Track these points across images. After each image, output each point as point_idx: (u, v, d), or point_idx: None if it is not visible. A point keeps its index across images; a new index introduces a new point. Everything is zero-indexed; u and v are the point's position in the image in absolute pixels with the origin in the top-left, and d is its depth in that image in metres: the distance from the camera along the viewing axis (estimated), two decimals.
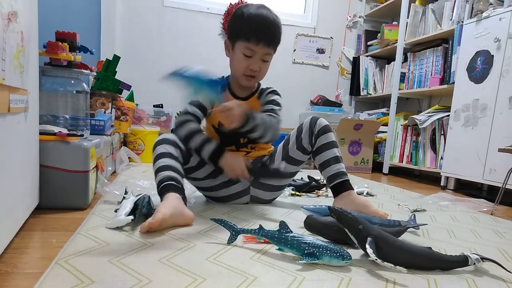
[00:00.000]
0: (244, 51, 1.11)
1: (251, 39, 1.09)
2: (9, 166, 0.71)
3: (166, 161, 1.04)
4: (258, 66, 1.13)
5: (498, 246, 0.97)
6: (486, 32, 1.90)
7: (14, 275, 0.61)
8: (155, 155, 1.07)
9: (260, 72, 1.15)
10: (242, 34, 1.11)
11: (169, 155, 1.06)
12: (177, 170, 1.04)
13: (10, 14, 0.66)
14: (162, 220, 0.84)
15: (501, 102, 1.79)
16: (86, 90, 1.33)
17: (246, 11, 1.12)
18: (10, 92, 0.68)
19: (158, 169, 1.03)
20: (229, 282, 0.62)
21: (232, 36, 1.15)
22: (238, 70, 1.15)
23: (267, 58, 1.14)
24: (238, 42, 1.12)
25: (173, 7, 2.88)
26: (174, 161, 1.06)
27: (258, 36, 1.09)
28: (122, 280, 0.59)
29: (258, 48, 1.10)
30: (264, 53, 1.12)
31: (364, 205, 1.10)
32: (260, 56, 1.12)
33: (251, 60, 1.12)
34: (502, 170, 1.67)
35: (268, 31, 1.11)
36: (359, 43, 3.29)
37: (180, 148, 1.10)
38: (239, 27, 1.12)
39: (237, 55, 1.13)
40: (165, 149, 1.07)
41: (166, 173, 1.01)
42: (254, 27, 1.10)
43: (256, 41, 1.09)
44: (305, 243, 0.73)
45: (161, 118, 2.62)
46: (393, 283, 0.67)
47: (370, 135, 2.78)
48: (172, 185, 0.99)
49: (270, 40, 1.11)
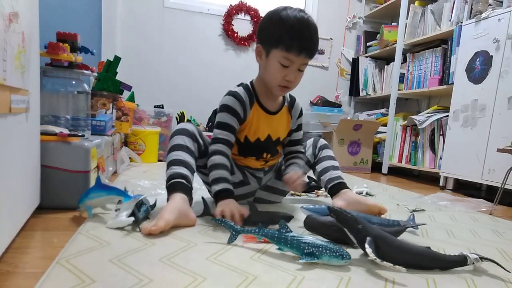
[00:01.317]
0: (282, 61, 1.01)
1: (292, 49, 0.98)
2: (11, 166, 0.71)
3: (180, 154, 1.03)
4: (295, 76, 1.03)
5: (497, 245, 0.98)
6: (485, 33, 1.90)
7: (15, 275, 0.62)
8: (171, 145, 1.05)
9: (295, 83, 1.06)
10: (281, 42, 0.99)
11: (186, 148, 1.04)
12: (190, 166, 1.03)
13: (11, 15, 0.67)
14: (164, 227, 0.84)
15: (500, 103, 1.79)
16: (87, 90, 1.33)
17: (286, 17, 0.99)
18: (11, 92, 0.68)
19: (171, 162, 1.02)
20: (229, 281, 0.62)
21: (267, 42, 1.03)
22: (273, 80, 1.05)
23: (303, 68, 1.04)
24: (275, 50, 1.01)
25: (173, 8, 2.88)
26: (189, 156, 1.04)
27: (301, 46, 0.98)
28: (123, 280, 0.59)
29: (298, 59, 1.00)
30: (302, 63, 1.03)
31: (360, 202, 1.14)
32: (297, 66, 1.02)
33: (288, 70, 1.02)
34: (501, 170, 1.67)
35: (311, 41, 1.01)
36: (358, 44, 3.29)
37: (198, 141, 1.09)
38: (278, 34, 1.00)
39: (272, 64, 1.03)
40: (183, 141, 1.05)
41: (178, 169, 1.00)
42: (297, 37, 0.98)
43: (298, 52, 0.99)
44: (304, 242, 0.74)
45: (161, 118, 2.62)
46: (392, 282, 0.67)
47: (369, 136, 2.79)
48: (181, 184, 0.98)
49: (313, 51, 1.02)
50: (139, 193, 1.09)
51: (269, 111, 1.14)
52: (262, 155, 1.17)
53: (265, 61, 1.06)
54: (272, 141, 1.17)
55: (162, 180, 1.56)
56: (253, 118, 1.12)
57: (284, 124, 1.18)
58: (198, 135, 1.10)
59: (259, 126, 1.13)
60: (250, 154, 1.17)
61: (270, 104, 1.14)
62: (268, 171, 1.24)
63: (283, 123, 1.18)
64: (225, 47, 2.99)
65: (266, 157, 1.19)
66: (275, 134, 1.16)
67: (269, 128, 1.14)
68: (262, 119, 1.13)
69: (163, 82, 2.91)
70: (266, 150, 1.17)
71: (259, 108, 1.12)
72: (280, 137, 1.18)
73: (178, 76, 2.93)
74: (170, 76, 2.92)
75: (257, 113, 1.12)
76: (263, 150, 1.16)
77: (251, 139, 1.14)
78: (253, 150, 1.16)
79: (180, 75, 2.93)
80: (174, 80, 2.92)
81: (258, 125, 1.13)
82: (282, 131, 1.18)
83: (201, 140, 1.11)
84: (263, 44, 1.05)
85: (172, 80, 2.92)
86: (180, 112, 2.65)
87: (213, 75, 2.96)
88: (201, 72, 2.97)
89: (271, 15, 1.04)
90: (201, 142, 1.10)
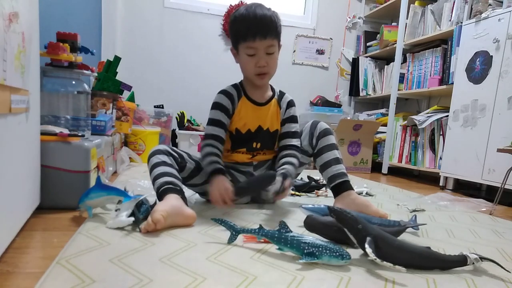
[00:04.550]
0: (247, 51, 1.11)
1: (247, 37, 1.09)
2: (11, 166, 0.71)
3: (161, 168, 1.05)
4: (265, 61, 1.12)
5: (497, 245, 0.98)
6: (485, 33, 1.90)
7: (15, 275, 0.62)
8: (150, 166, 1.08)
9: (269, 67, 1.14)
10: (239, 36, 1.12)
11: (163, 163, 1.07)
12: (174, 175, 1.05)
13: (11, 14, 0.66)
14: (158, 221, 0.84)
15: (500, 103, 1.79)
16: (87, 90, 1.33)
17: (236, 14, 1.13)
18: (11, 92, 0.68)
19: (155, 177, 1.04)
20: (229, 281, 0.62)
21: (234, 42, 1.16)
22: (248, 72, 1.15)
23: (271, 50, 1.12)
24: (239, 45, 1.13)
25: (173, 8, 2.88)
26: (169, 167, 1.06)
27: (252, 31, 1.08)
28: (122, 280, 0.59)
29: (256, 43, 1.09)
30: (266, 46, 1.10)
31: (365, 205, 1.10)
32: (263, 50, 1.11)
33: (256, 57, 1.11)
34: (501, 170, 1.67)
35: (260, 23, 1.09)
36: (358, 44, 3.29)
37: (173, 156, 1.11)
38: (234, 31, 1.15)
39: (242, 58, 1.14)
40: (159, 158, 1.08)
41: (162, 179, 1.02)
42: (246, 25, 1.09)
43: (253, 37, 1.08)
44: (304, 242, 0.74)
45: (161, 118, 2.62)
46: (392, 282, 0.67)
47: (369, 136, 2.79)
48: (170, 188, 0.99)
49: (265, 31, 1.08)
50: (139, 193, 1.09)
51: (257, 103, 1.20)
52: (251, 145, 1.21)
53: (239, 59, 1.17)
54: (263, 131, 1.21)
55: None
56: (241, 109, 1.19)
57: (273, 115, 1.22)
58: (170, 150, 1.12)
59: (247, 118, 1.19)
60: (241, 146, 1.21)
61: (257, 96, 1.21)
62: (259, 167, 1.23)
63: (272, 114, 1.22)
64: (225, 47, 2.98)
65: (256, 146, 1.21)
66: (264, 124, 1.21)
67: (258, 119, 1.20)
68: (251, 111, 1.20)
69: (163, 82, 2.91)
70: (256, 140, 1.21)
71: (247, 101, 1.20)
72: (270, 127, 1.22)
73: (178, 76, 2.93)
74: (170, 76, 2.92)
75: (245, 105, 1.19)
76: (254, 139, 1.21)
77: (242, 131, 1.20)
78: (244, 141, 1.20)
79: (180, 75, 2.93)
80: (174, 80, 2.92)
81: (247, 117, 1.19)
82: (272, 121, 1.22)
83: (175, 153, 1.12)
84: (233, 45, 1.18)
85: (172, 80, 2.92)
86: (180, 112, 2.64)
87: (213, 75, 2.96)
88: (201, 72, 2.97)
89: (230, 19, 1.18)
90: (175, 155, 1.12)
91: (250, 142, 1.21)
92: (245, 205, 1.23)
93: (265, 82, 1.21)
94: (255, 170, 1.23)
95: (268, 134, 1.22)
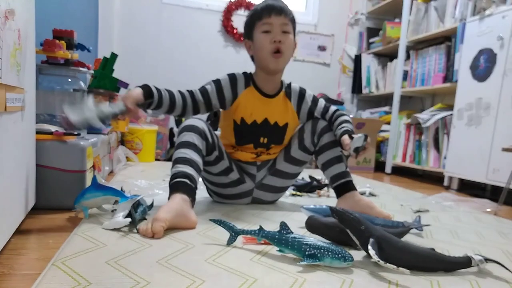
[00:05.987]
0: (262, 28, 1.11)
1: (263, 15, 1.11)
2: (5, 166, 0.70)
3: (187, 152, 1.02)
4: (281, 37, 1.11)
5: (502, 247, 0.96)
6: (489, 30, 1.88)
7: (11, 277, 0.61)
8: (179, 141, 1.04)
9: (285, 45, 1.12)
10: (255, 17, 1.13)
11: (194, 146, 1.03)
12: (196, 165, 1.01)
13: (7, 12, 0.66)
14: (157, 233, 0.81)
15: (504, 101, 1.77)
16: (83, 88, 1.32)
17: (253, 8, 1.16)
18: (6, 91, 0.67)
19: (177, 159, 1.01)
20: (228, 283, 0.61)
21: (248, 30, 1.16)
22: (264, 51, 1.12)
23: (286, 29, 1.12)
24: (255, 28, 1.13)
25: (171, 4, 2.86)
26: (196, 155, 1.02)
27: (267, 9, 1.11)
28: (119, 282, 0.58)
29: (272, 19, 1.10)
30: (281, 23, 1.11)
31: (369, 206, 1.09)
32: (279, 27, 1.11)
33: (271, 34, 1.11)
34: (505, 170, 1.65)
35: (276, 3, 1.12)
36: (361, 41, 3.27)
37: (207, 139, 1.08)
38: (250, 17, 1.16)
39: (258, 39, 1.13)
40: (191, 138, 1.04)
41: (183, 167, 0.98)
42: (262, 6, 1.13)
43: (268, 14, 1.10)
44: (306, 244, 0.72)
45: (159, 116, 2.60)
46: (395, 284, 0.66)
47: (372, 134, 2.77)
48: (184, 183, 0.96)
49: (280, 9, 1.11)
50: (136, 193, 1.09)
51: (266, 94, 1.17)
52: (258, 140, 1.17)
53: (253, 45, 1.16)
54: (270, 125, 1.17)
55: (159, 180, 1.57)
56: (247, 99, 1.16)
57: (281, 109, 1.19)
58: (208, 132, 1.09)
59: (254, 108, 1.16)
60: (247, 141, 1.17)
61: (266, 87, 1.18)
62: (262, 167, 1.22)
63: (280, 107, 1.19)
64: (224, 43, 2.96)
65: (263, 142, 1.18)
66: (272, 118, 1.17)
67: (265, 111, 1.17)
68: (258, 102, 1.16)
69: (161, 79, 2.88)
70: (263, 135, 1.17)
71: (255, 91, 1.17)
72: (279, 121, 1.18)
73: (176, 73, 2.90)
74: (168, 73, 2.89)
75: (252, 94, 1.16)
76: (260, 134, 1.17)
77: (247, 121, 1.16)
78: (250, 135, 1.17)
79: (178, 72, 2.91)
80: (172, 77, 2.89)
81: (254, 107, 1.16)
82: (281, 115, 1.19)
83: (210, 137, 1.09)
84: (247, 35, 1.18)
85: (170, 77, 2.89)
86: None
87: (212, 71, 2.90)
88: (200, 69, 2.94)
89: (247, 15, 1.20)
90: (210, 140, 1.09)
91: (257, 136, 1.17)
92: (245, 206, 1.22)
93: (280, 66, 1.15)
94: (258, 171, 1.21)
95: (276, 128, 1.18)
